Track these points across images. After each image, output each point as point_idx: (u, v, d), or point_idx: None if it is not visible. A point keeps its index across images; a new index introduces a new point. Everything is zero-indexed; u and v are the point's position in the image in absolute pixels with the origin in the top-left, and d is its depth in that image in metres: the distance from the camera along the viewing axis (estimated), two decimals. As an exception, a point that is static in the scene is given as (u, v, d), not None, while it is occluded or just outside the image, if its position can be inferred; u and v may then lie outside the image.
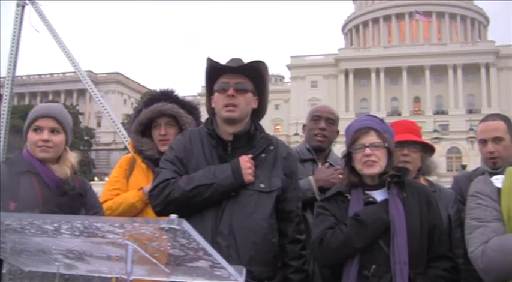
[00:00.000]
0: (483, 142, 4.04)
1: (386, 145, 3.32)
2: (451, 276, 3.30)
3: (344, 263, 3.22)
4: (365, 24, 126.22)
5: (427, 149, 4.23)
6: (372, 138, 3.31)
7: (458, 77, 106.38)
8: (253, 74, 3.47)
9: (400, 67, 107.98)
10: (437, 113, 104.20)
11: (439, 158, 77.88)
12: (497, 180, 3.05)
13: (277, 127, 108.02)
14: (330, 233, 3.22)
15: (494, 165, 3.92)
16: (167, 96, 4.25)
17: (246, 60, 3.47)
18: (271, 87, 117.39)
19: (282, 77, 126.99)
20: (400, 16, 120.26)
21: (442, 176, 46.67)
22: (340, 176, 3.86)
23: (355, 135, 3.36)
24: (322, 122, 4.48)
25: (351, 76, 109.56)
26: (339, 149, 5.63)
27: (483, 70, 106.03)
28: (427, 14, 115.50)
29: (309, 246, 3.53)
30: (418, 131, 4.29)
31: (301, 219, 3.61)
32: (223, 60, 3.50)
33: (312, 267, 3.75)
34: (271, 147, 3.49)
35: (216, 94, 3.46)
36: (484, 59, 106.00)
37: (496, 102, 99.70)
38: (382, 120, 3.48)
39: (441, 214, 3.56)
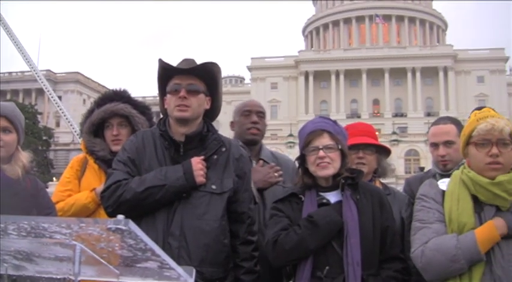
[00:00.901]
0: (434, 145, 4.10)
1: (339, 147, 3.34)
2: (402, 277, 3.32)
3: (297, 264, 3.23)
4: (325, 26, 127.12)
5: (383, 151, 4.25)
6: (325, 140, 3.33)
7: (417, 80, 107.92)
8: (206, 75, 3.46)
9: (359, 70, 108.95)
10: (396, 115, 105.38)
11: (398, 160, 78.84)
12: (443, 183, 3.16)
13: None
14: (284, 234, 3.22)
15: (444, 168, 3.97)
16: (120, 96, 4.22)
17: (202, 62, 3.46)
18: (231, 88, 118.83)
19: (243, 78, 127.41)
20: (360, 19, 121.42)
21: (400, 178, 47.10)
22: (276, 174, 3.99)
23: (308, 138, 3.36)
24: (253, 116, 4.45)
25: (311, 78, 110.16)
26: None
27: (441, 74, 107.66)
28: (387, 18, 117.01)
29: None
30: (374, 134, 4.30)
31: (254, 221, 3.61)
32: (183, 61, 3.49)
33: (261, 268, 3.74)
34: (223, 149, 3.48)
35: (168, 95, 3.44)
36: (442, 62, 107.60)
37: (454, 106, 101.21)
38: (335, 122, 3.50)
39: (395, 217, 3.61)
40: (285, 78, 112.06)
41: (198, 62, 3.48)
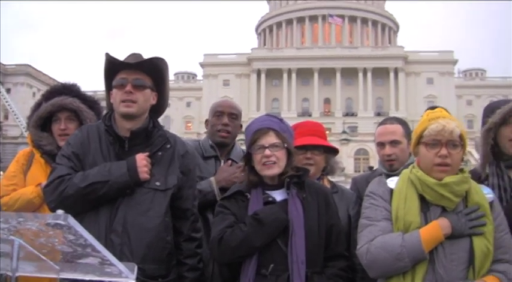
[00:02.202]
0: (381, 145, 4.13)
1: (285, 145, 3.33)
2: (346, 275, 3.35)
3: (243, 262, 3.21)
4: (279, 25, 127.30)
5: (331, 150, 4.24)
6: (271, 138, 3.32)
7: (368, 80, 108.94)
8: (152, 71, 3.44)
9: (311, 68, 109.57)
10: (346, 114, 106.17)
11: (347, 159, 79.29)
12: (392, 182, 3.18)
13: (188, 125, 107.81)
14: (230, 231, 3.21)
15: (391, 168, 4.01)
16: (68, 90, 4.19)
17: (149, 57, 3.45)
18: (183, 84, 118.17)
19: (195, 75, 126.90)
20: (313, 18, 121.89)
21: (350, 177, 47.25)
22: (243, 174, 3.87)
23: (254, 136, 3.35)
24: (225, 118, 4.45)
25: (263, 76, 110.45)
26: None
27: (392, 74, 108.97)
28: (340, 18, 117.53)
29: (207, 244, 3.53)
30: (323, 133, 4.29)
31: (197, 218, 3.61)
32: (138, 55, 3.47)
33: (211, 267, 3.69)
34: (168, 145, 3.47)
35: (114, 90, 3.41)
36: (393, 63, 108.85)
37: (404, 106, 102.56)
38: (281, 120, 3.49)
39: (341, 214, 3.65)
40: (237, 75, 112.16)
41: (158, 57, 3.48)
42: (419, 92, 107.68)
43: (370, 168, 64.18)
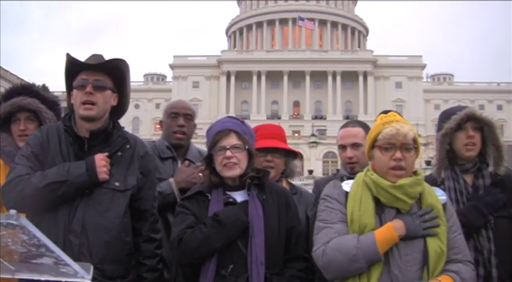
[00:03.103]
0: (343, 148, 4.17)
1: (246, 147, 3.36)
2: (306, 276, 3.38)
3: (202, 263, 3.22)
4: (249, 27, 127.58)
5: (291, 154, 4.30)
6: (232, 140, 3.34)
7: (337, 84, 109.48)
8: (113, 72, 3.44)
9: (281, 71, 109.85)
10: (315, 117, 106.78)
11: (316, 162, 79.72)
12: (347, 185, 3.22)
13: (157, 126, 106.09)
14: (189, 232, 3.21)
15: (352, 170, 4.02)
16: (28, 90, 4.16)
17: (110, 58, 3.44)
18: (153, 86, 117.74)
19: (165, 76, 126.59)
20: (283, 21, 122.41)
21: (317, 180, 47.32)
22: (201, 175, 3.89)
23: (216, 137, 3.37)
24: (180, 119, 4.45)
25: (232, 78, 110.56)
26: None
27: (361, 78, 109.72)
28: (310, 21, 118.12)
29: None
30: (283, 136, 4.34)
31: (157, 218, 3.61)
32: (106, 57, 3.47)
33: (174, 267, 3.74)
34: (128, 146, 3.47)
35: (74, 91, 3.40)
36: (362, 67, 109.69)
37: (372, 109, 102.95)
38: (242, 122, 3.52)
39: (301, 216, 3.68)
40: (207, 77, 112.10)
41: (119, 59, 3.47)
42: (388, 96, 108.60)
43: (338, 171, 64.63)
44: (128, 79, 3.58)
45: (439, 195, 3.21)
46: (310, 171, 68.52)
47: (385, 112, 3.36)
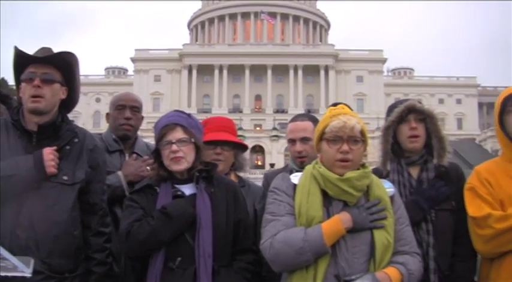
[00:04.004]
0: (292, 141, 4.19)
1: (193, 140, 3.37)
2: (254, 268, 3.42)
3: (150, 255, 3.22)
4: (211, 21, 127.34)
5: (240, 147, 4.30)
6: (178, 134, 3.35)
7: (298, 78, 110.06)
8: (62, 65, 3.41)
9: (243, 65, 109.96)
10: (277, 111, 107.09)
11: (278, 156, 79.98)
12: (295, 177, 3.23)
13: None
14: (137, 225, 3.21)
15: (301, 164, 4.01)
16: None
17: (59, 51, 3.42)
18: (114, 79, 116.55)
19: (126, 70, 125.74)
20: (245, 15, 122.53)
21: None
22: (149, 168, 3.93)
23: (162, 132, 3.38)
24: (127, 111, 4.43)
25: (194, 72, 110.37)
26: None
27: (322, 72, 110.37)
28: (272, 15, 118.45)
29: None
30: (233, 129, 4.35)
31: (106, 212, 3.60)
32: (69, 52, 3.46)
33: (123, 261, 3.69)
34: (76, 140, 3.45)
35: (22, 84, 3.37)
36: (323, 61, 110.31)
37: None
38: (189, 115, 3.53)
39: (249, 209, 3.70)
40: (168, 71, 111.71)
41: (67, 52, 3.45)
42: (349, 90, 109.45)
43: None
44: (77, 72, 3.55)
45: (387, 188, 3.23)
46: (272, 165, 68.66)
47: (335, 105, 3.36)
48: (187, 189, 3.37)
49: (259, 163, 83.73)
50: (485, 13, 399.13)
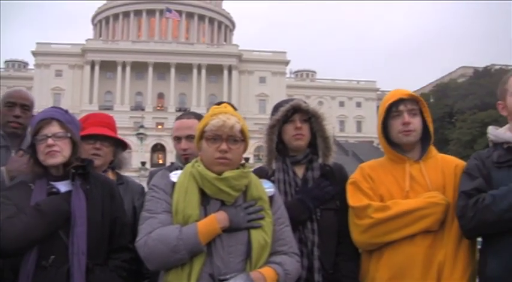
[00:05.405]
0: (178, 139, 4.21)
1: (69, 135, 3.31)
2: (130, 266, 3.37)
3: (23, 254, 3.14)
4: (116, 17, 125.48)
5: (120, 145, 4.25)
6: (54, 128, 3.28)
7: (202, 77, 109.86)
8: None
9: (146, 63, 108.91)
10: (179, 110, 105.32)
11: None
12: (175, 175, 3.20)
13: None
14: (9, 222, 3.11)
15: (186, 162, 3.91)
16: None
17: None
18: (13, 73, 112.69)
19: (27, 64, 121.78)
20: (151, 12, 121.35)
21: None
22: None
23: (37, 126, 3.30)
24: (17, 109, 4.38)
25: (97, 68, 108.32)
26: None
27: (226, 72, 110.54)
28: (178, 14, 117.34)
29: None
30: (114, 126, 4.28)
31: None
32: None
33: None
34: None
35: None
36: (227, 61, 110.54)
37: (236, 103, 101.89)
38: (66, 111, 3.46)
39: (127, 207, 3.68)
40: (70, 66, 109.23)
41: None
42: (251, 90, 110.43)
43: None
44: None
45: (266, 188, 3.26)
46: (172, 163, 67.83)
47: (218, 104, 3.34)
48: (62, 186, 3.30)
49: (161, 161, 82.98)
50: (390, 23, 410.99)
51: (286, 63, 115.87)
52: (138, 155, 71.52)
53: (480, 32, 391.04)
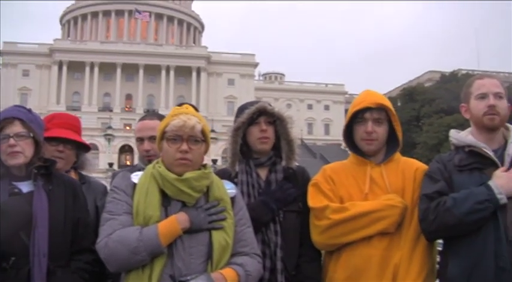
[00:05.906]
0: (140, 140, 4.22)
1: (32, 135, 3.26)
2: (92, 268, 3.33)
3: None
4: (84, 17, 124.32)
5: (83, 146, 4.23)
6: (16, 128, 3.23)
7: (170, 78, 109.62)
8: None
9: (115, 63, 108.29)
10: (148, 111, 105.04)
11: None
12: (136, 176, 3.19)
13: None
14: None
15: (149, 163, 3.83)
16: None
17: None
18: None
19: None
20: (119, 13, 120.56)
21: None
22: None
23: (0, 126, 3.24)
24: None
25: (64, 68, 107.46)
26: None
27: (194, 74, 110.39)
28: (147, 14, 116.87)
29: None
30: (79, 128, 4.25)
31: None
32: None
33: None
34: None
35: None
36: (196, 63, 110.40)
37: (204, 105, 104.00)
38: (29, 110, 3.41)
39: (90, 207, 3.66)
40: (38, 66, 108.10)
41: None
42: (220, 92, 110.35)
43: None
44: None
45: (228, 189, 3.26)
46: (135, 165, 67.53)
47: (180, 105, 3.34)
48: (24, 187, 3.24)
49: (128, 163, 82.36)
50: (359, 28, 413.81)
51: (255, 65, 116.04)
52: (105, 156, 71.24)
53: (448, 37, 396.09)
